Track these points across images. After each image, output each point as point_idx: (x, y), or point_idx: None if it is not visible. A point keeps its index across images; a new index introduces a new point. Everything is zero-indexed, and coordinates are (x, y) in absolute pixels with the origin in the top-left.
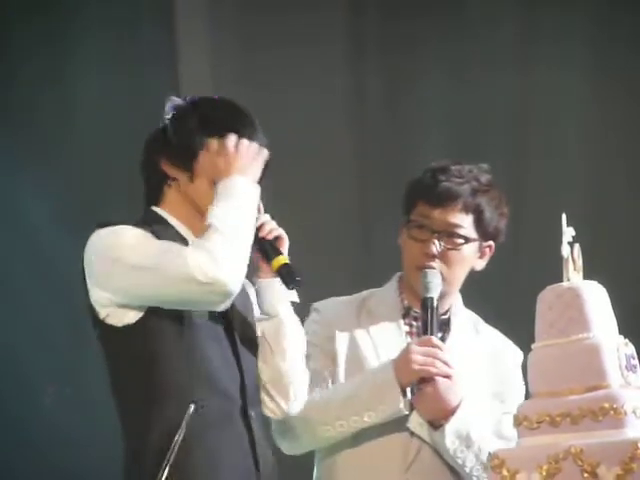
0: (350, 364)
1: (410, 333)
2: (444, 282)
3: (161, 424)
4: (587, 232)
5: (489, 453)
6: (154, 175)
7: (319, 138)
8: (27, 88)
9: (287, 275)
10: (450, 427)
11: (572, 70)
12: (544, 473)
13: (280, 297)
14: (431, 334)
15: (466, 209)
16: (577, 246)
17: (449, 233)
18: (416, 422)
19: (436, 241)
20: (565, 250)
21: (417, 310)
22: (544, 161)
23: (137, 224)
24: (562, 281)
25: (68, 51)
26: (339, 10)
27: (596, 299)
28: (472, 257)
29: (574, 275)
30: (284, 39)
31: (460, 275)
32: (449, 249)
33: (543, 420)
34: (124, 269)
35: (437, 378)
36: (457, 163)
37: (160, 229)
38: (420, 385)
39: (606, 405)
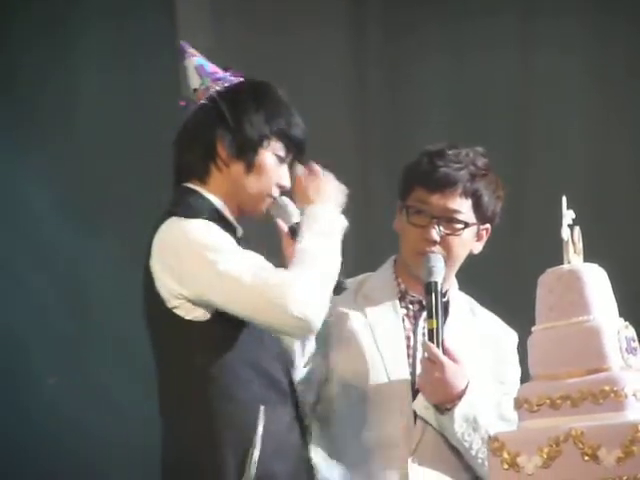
0: (347, 347)
1: (407, 316)
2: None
3: (230, 422)
4: (587, 215)
5: (489, 436)
6: (205, 153)
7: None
8: (28, 78)
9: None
10: (459, 411)
11: (573, 53)
12: (545, 456)
13: None
14: (436, 318)
15: (465, 194)
16: (577, 229)
17: (448, 218)
18: (422, 405)
19: (436, 226)
20: (565, 233)
21: (414, 294)
22: (545, 144)
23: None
24: (562, 264)
25: (69, 41)
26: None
27: (596, 282)
28: (471, 241)
29: (574, 258)
30: (285, 28)
31: (459, 259)
32: (449, 234)
33: (543, 403)
34: (217, 278)
35: (445, 362)
36: (453, 147)
37: (211, 211)
38: (427, 368)
39: (606, 388)
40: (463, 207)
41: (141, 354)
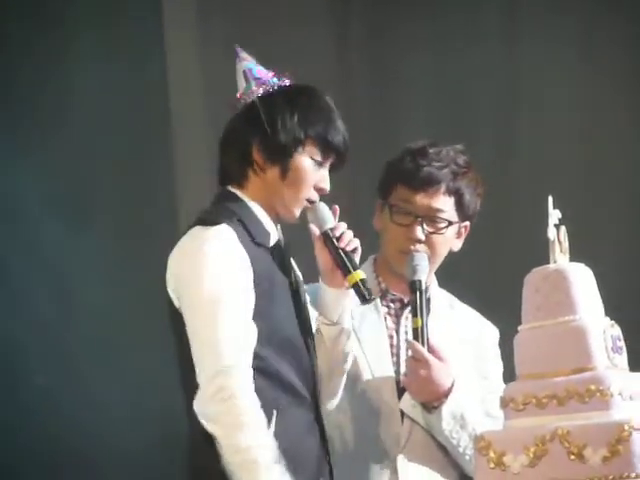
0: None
1: (389, 314)
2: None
3: None
4: (573, 214)
5: (475, 435)
6: (242, 158)
7: None
8: (23, 80)
9: (363, 291)
10: (446, 409)
11: (558, 48)
12: (531, 455)
13: (348, 309)
14: (421, 316)
15: (448, 192)
16: (563, 228)
17: (432, 217)
18: (409, 404)
19: (420, 225)
20: (551, 232)
21: (395, 292)
22: (531, 142)
23: (231, 221)
24: (548, 263)
25: (64, 42)
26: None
27: (582, 281)
28: (452, 239)
29: (560, 257)
30: (270, 27)
31: (441, 256)
32: (432, 233)
33: (529, 402)
34: (198, 304)
35: (431, 360)
36: (434, 144)
37: (244, 215)
38: (413, 366)
39: (592, 387)
40: (446, 206)
41: (131, 355)
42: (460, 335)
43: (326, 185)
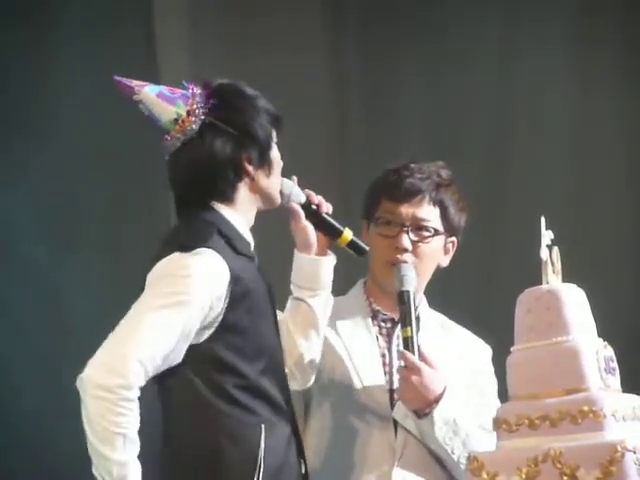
0: (324, 369)
1: (380, 334)
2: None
3: (236, 441)
4: (566, 235)
5: (468, 456)
6: (232, 174)
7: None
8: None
9: (360, 245)
10: (438, 414)
11: (553, 71)
12: (523, 476)
13: (331, 273)
14: (410, 325)
15: (432, 202)
16: (556, 249)
17: (417, 226)
18: (402, 413)
19: (406, 234)
20: (544, 253)
21: (386, 312)
22: (524, 163)
23: (211, 239)
24: (541, 284)
25: (50, 56)
26: (318, 10)
27: (575, 302)
28: (439, 252)
29: (553, 278)
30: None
31: (429, 269)
32: (418, 242)
33: (522, 423)
34: (131, 313)
35: (422, 367)
36: (415, 161)
37: (229, 231)
38: (405, 374)
39: (585, 408)
40: (431, 215)
41: None
42: (454, 353)
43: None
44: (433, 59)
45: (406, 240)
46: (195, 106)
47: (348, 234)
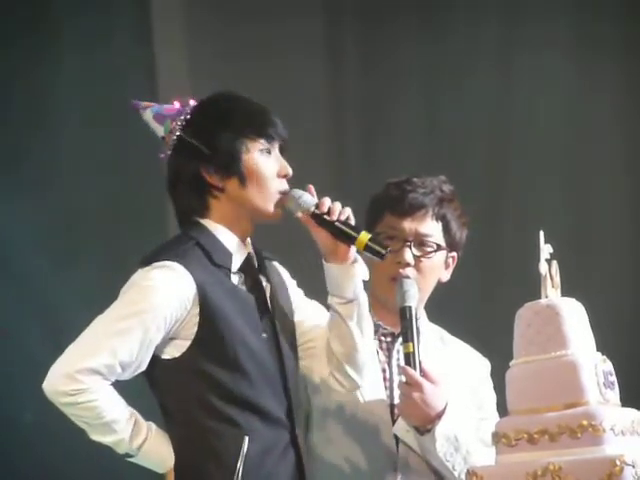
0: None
1: (380, 348)
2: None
3: (217, 456)
4: (565, 249)
5: (467, 470)
6: (197, 189)
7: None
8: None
9: (377, 248)
10: (439, 430)
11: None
12: None
13: (360, 281)
14: (412, 341)
15: (435, 217)
16: (555, 263)
17: (420, 241)
18: (403, 429)
19: (409, 249)
20: (543, 267)
21: (386, 326)
22: (522, 177)
23: (184, 256)
24: (540, 298)
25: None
26: (317, 17)
27: (574, 316)
28: (441, 267)
29: (552, 292)
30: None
31: (431, 284)
32: (421, 257)
33: (521, 437)
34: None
35: (423, 383)
36: (416, 176)
37: (208, 243)
38: (406, 390)
39: (584, 422)
40: (434, 230)
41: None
42: (453, 367)
43: (287, 170)
44: (431, 69)
45: (409, 255)
46: (174, 124)
47: (364, 238)
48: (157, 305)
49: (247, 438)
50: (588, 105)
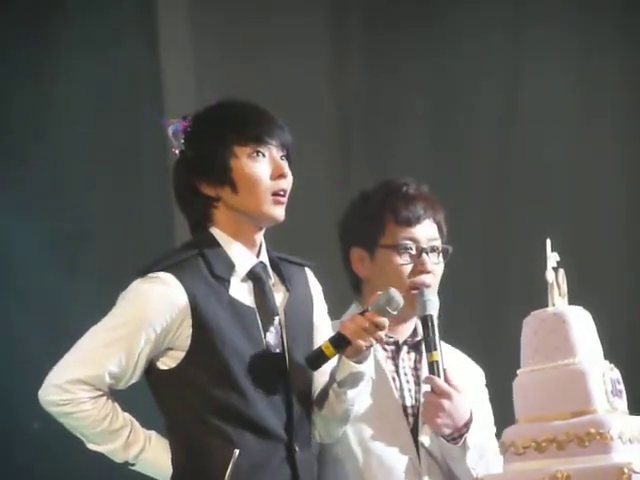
0: None
1: (387, 357)
2: None
3: (205, 469)
4: (572, 257)
5: (476, 478)
6: (198, 201)
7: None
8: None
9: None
10: (470, 439)
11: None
12: None
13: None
14: (435, 350)
15: (434, 221)
16: (562, 271)
17: (433, 247)
18: (429, 438)
19: (426, 256)
20: (550, 275)
21: (390, 335)
22: (529, 185)
23: (180, 267)
24: (547, 306)
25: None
26: (321, 15)
27: (581, 324)
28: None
29: (559, 300)
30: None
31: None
32: (437, 263)
33: (529, 445)
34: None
35: (452, 393)
36: (405, 183)
37: (211, 253)
38: (433, 400)
39: (592, 430)
40: (438, 234)
41: (128, 401)
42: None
43: (282, 170)
44: (436, 64)
45: (429, 263)
46: (179, 139)
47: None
48: (145, 317)
49: (237, 452)
50: (591, 115)
